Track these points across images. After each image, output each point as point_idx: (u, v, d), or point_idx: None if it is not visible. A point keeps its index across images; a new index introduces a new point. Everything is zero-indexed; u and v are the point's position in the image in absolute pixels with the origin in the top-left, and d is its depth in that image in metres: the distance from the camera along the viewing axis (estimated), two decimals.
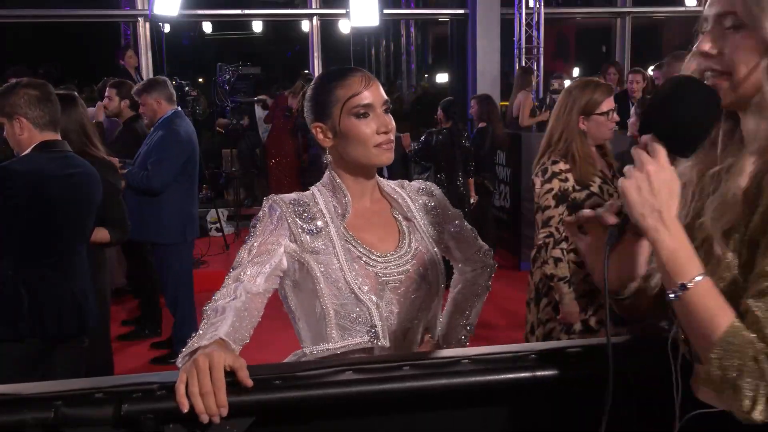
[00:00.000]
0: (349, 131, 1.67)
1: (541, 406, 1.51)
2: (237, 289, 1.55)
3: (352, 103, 1.67)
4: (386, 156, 1.69)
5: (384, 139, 1.68)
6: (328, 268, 1.66)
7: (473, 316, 1.96)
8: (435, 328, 1.86)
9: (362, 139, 1.67)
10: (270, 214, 1.69)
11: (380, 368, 1.42)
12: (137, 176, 4.41)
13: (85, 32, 11.73)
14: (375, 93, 1.69)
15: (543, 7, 9.46)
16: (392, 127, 1.70)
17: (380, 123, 1.68)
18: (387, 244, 1.75)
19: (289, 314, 1.77)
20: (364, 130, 1.67)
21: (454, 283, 1.99)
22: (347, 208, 1.72)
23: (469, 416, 1.49)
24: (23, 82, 2.97)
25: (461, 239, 1.90)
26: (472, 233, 1.93)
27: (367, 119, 1.67)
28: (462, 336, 1.93)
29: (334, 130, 1.69)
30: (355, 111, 1.67)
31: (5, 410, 1.27)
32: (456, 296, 1.97)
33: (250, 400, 1.32)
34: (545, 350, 1.49)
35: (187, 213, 4.64)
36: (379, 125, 1.67)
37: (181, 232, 4.59)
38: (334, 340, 1.67)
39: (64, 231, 2.92)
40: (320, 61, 9.52)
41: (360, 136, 1.67)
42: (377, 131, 1.67)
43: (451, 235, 1.88)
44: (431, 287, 1.77)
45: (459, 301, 1.96)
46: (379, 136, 1.67)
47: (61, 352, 2.90)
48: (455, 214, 1.90)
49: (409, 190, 1.85)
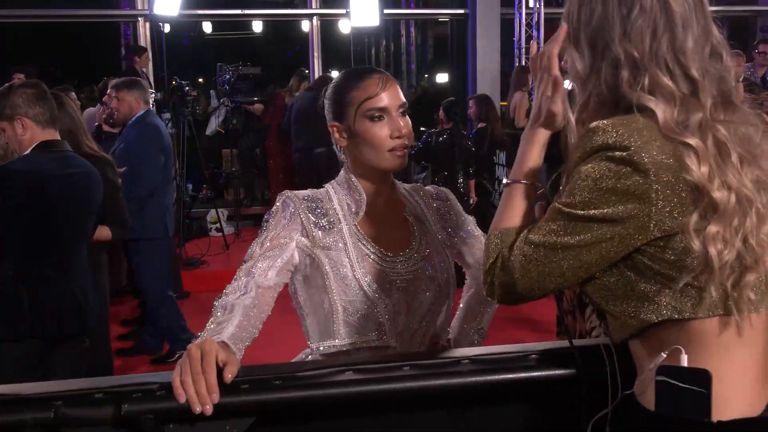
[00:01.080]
0: (363, 134, 1.67)
1: (541, 406, 1.51)
2: (248, 284, 1.56)
3: (367, 105, 1.66)
4: (399, 161, 1.68)
5: (398, 144, 1.66)
6: (338, 264, 1.66)
7: (486, 320, 1.95)
8: (444, 333, 1.85)
9: (375, 142, 1.66)
10: (283, 209, 1.69)
11: (380, 368, 1.42)
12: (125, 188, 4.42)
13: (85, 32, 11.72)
14: (391, 96, 1.67)
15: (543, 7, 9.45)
16: (407, 131, 1.68)
17: (394, 127, 1.66)
18: (398, 245, 1.75)
19: (298, 310, 1.77)
20: (378, 133, 1.66)
21: (467, 287, 1.98)
22: (361, 206, 1.72)
23: (469, 416, 1.49)
24: (16, 83, 2.98)
25: (474, 245, 1.88)
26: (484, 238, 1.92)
27: (381, 122, 1.66)
28: (474, 340, 1.92)
29: (349, 130, 1.69)
30: (369, 114, 1.66)
31: (5, 410, 1.27)
32: (469, 300, 1.97)
33: (250, 400, 1.32)
34: (545, 350, 1.49)
35: (167, 207, 4.80)
36: (393, 129, 1.66)
37: (163, 227, 4.69)
38: (342, 336, 1.68)
39: (64, 231, 2.91)
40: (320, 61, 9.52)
41: (373, 139, 1.66)
42: (391, 135, 1.66)
43: (463, 241, 1.87)
44: (441, 290, 1.76)
45: (472, 305, 1.95)
46: (392, 141, 1.66)
47: (61, 352, 2.89)
48: (468, 220, 1.89)
49: (424, 195, 1.85)
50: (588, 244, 1.21)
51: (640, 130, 1.19)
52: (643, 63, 1.23)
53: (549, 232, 1.24)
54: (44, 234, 2.82)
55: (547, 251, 1.23)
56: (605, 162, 1.19)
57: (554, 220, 1.24)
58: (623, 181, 1.17)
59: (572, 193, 1.22)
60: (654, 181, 1.17)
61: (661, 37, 1.23)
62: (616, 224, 1.19)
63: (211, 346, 1.32)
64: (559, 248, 1.22)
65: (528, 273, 1.25)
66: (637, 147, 1.17)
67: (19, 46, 12.09)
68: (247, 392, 1.32)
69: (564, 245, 1.22)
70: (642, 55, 1.23)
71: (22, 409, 1.27)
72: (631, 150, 1.17)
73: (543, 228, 1.25)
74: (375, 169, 1.71)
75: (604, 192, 1.19)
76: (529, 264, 1.25)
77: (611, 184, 1.18)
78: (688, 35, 1.23)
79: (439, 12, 11.83)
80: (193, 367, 1.29)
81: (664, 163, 1.17)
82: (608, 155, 1.19)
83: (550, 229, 1.24)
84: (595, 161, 1.20)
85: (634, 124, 1.20)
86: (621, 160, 1.18)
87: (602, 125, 1.21)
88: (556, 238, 1.23)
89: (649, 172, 1.16)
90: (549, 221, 1.25)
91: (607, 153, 1.19)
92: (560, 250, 1.22)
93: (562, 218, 1.23)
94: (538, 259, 1.24)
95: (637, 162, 1.17)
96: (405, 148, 1.68)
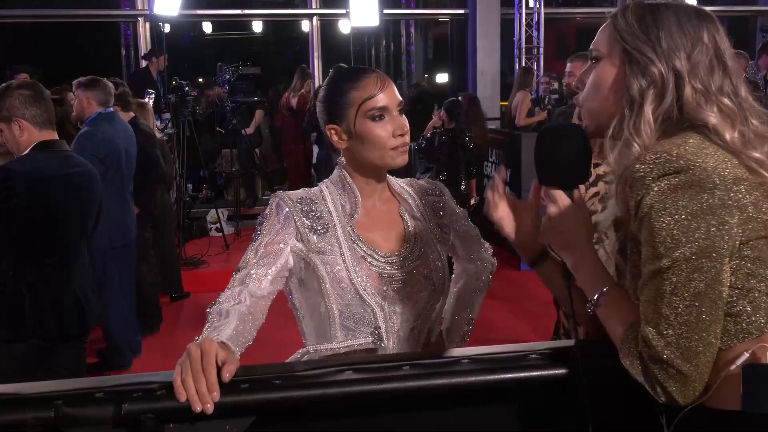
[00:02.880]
0: (365, 134, 1.66)
1: (541, 406, 1.51)
2: (242, 293, 1.55)
3: (368, 105, 1.65)
4: (401, 158, 1.68)
5: (400, 142, 1.67)
6: (333, 268, 1.66)
7: (476, 309, 1.97)
8: (437, 327, 1.86)
9: (378, 142, 1.66)
10: (277, 213, 1.68)
11: (380, 368, 1.42)
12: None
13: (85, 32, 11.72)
14: (390, 95, 1.68)
15: (543, 7, 9.47)
16: (407, 129, 1.69)
17: (396, 126, 1.67)
18: (392, 244, 1.75)
19: (293, 311, 1.77)
20: (380, 133, 1.66)
21: (456, 279, 1.99)
22: (356, 208, 1.72)
23: (469, 416, 1.49)
24: (13, 84, 2.97)
25: (466, 238, 1.90)
26: (476, 232, 1.94)
27: (382, 122, 1.66)
28: (465, 329, 1.94)
29: (350, 132, 1.68)
30: (370, 114, 1.65)
31: (5, 410, 1.27)
32: (459, 291, 1.97)
33: (250, 400, 1.32)
34: (545, 350, 1.49)
35: (113, 218, 4.37)
36: (395, 128, 1.66)
37: (107, 237, 4.35)
38: (338, 339, 1.68)
39: (64, 230, 2.92)
40: (320, 61, 9.53)
41: (376, 139, 1.66)
42: (393, 134, 1.66)
43: (457, 235, 1.88)
44: (436, 288, 1.77)
45: (462, 296, 1.97)
46: (395, 139, 1.66)
47: (62, 351, 2.90)
48: (461, 214, 1.90)
49: (418, 189, 1.84)
50: (714, 277, 1.17)
51: (698, 147, 1.20)
52: (706, 89, 1.26)
53: (669, 299, 1.18)
54: (44, 234, 2.83)
55: (685, 317, 1.17)
56: (669, 194, 1.16)
57: (662, 283, 1.18)
58: (697, 202, 1.15)
59: (656, 245, 1.18)
60: (724, 191, 1.17)
61: (719, 77, 1.27)
62: (721, 241, 1.16)
63: (211, 345, 1.33)
64: (695, 301, 1.17)
65: (686, 349, 1.17)
66: (697, 164, 1.17)
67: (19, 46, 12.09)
68: (247, 392, 1.32)
69: (694, 296, 1.17)
70: (704, 84, 1.26)
71: (22, 409, 1.27)
72: (691, 169, 1.16)
73: (658, 301, 1.19)
74: (378, 168, 1.71)
75: (690, 224, 1.16)
76: (679, 340, 1.17)
77: (689, 212, 1.16)
78: (739, 84, 1.29)
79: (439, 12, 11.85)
80: (193, 366, 1.29)
81: (732, 174, 1.19)
82: (669, 185, 1.17)
83: (667, 296, 1.18)
84: (659, 199, 1.17)
85: (694, 145, 1.20)
86: (684, 184, 1.16)
87: (655, 154, 1.19)
88: (681, 297, 1.17)
89: (717, 186, 1.17)
90: (656, 291, 1.19)
91: (666, 183, 1.17)
92: (697, 302, 1.17)
93: (670, 274, 1.18)
94: (685, 333, 1.17)
95: (702, 178, 1.16)
96: (406, 145, 1.69)
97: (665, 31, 1.27)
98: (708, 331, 1.18)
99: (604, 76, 1.33)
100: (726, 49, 1.30)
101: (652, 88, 1.26)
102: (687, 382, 1.18)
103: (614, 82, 1.32)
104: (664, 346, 1.17)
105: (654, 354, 1.18)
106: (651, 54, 1.27)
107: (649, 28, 1.28)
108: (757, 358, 1.20)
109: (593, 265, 1.35)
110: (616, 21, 1.32)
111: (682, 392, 1.19)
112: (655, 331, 1.18)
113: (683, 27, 1.28)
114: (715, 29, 1.30)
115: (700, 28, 1.28)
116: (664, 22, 1.28)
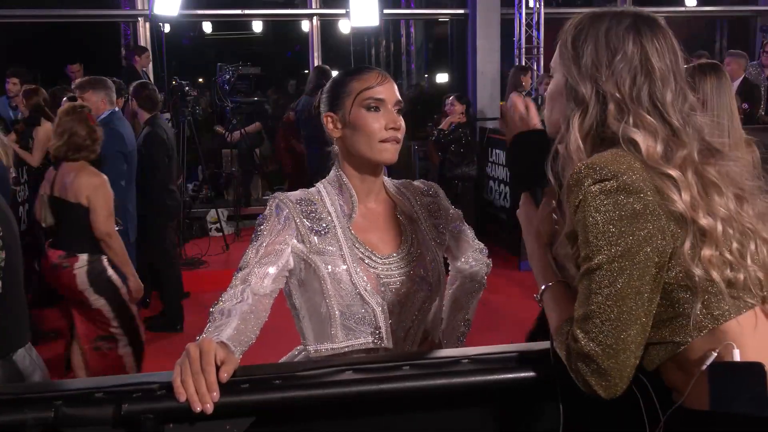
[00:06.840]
0: (358, 122, 1.67)
1: (541, 405, 1.51)
2: (244, 291, 1.56)
3: (365, 95, 1.67)
4: (390, 153, 1.69)
5: (390, 135, 1.67)
6: (334, 269, 1.66)
7: (472, 310, 1.98)
8: (436, 330, 1.86)
9: (369, 131, 1.67)
10: (277, 214, 1.68)
11: (380, 368, 1.43)
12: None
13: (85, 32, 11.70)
14: (389, 90, 1.69)
15: (543, 7, 9.45)
16: (401, 125, 1.70)
17: (389, 119, 1.68)
18: (389, 246, 1.75)
19: (292, 311, 1.77)
20: (372, 123, 1.67)
21: (451, 280, 2.00)
22: (353, 208, 1.72)
23: (469, 416, 1.50)
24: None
25: (461, 239, 1.91)
26: (470, 232, 1.95)
27: (377, 113, 1.67)
28: (462, 330, 1.95)
29: (344, 120, 1.70)
30: (366, 103, 1.67)
31: (5, 410, 1.27)
32: (455, 292, 1.98)
33: (250, 400, 1.32)
34: (546, 350, 1.49)
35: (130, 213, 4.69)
36: (388, 121, 1.67)
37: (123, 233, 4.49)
38: (339, 340, 1.68)
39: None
40: (320, 61, 9.50)
41: (367, 128, 1.67)
42: (385, 127, 1.67)
43: (452, 236, 1.89)
44: (432, 288, 1.77)
45: (458, 297, 1.98)
46: (386, 132, 1.67)
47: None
48: (456, 215, 1.90)
49: (414, 191, 1.85)
50: (638, 278, 1.21)
51: (622, 159, 1.24)
52: (625, 102, 1.28)
53: (595, 297, 1.23)
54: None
55: (608, 314, 1.22)
56: (600, 198, 1.22)
57: (591, 281, 1.23)
58: (624, 207, 1.21)
59: (588, 246, 1.23)
60: (650, 197, 1.22)
61: (641, 85, 1.29)
62: (645, 245, 1.20)
63: (210, 345, 1.33)
64: (618, 301, 1.21)
65: (607, 346, 1.22)
66: (622, 172, 1.22)
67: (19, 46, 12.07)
68: (247, 392, 1.32)
69: (617, 295, 1.21)
70: (623, 96, 1.29)
71: (22, 409, 1.27)
72: (618, 177, 1.21)
73: (587, 299, 1.24)
74: (366, 161, 1.71)
75: (616, 227, 1.21)
76: (600, 336, 1.22)
77: (616, 215, 1.21)
78: (666, 89, 1.30)
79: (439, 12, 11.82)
80: (193, 366, 1.29)
81: (651, 185, 1.22)
82: (600, 189, 1.22)
83: (594, 294, 1.23)
84: (590, 204, 1.23)
85: (619, 157, 1.24)
86: (613, 190, 1.21)
87: (585, 165, 1.24)
88: (605, 296, 1.22)
89: (641, 190, 1.21)
90: (587, 289, 1.24)
91: (598, 188, 1.22)
92: (620, 302, 1.21)
93: (598, 274, 1.22)
94: (606, 330, 1.22)
95: (628, 184, 1.21)
96: (397, 142, 1.69)
97: (591, 46, 1.32)
98: (628, 331, 1.21)
99: (552, 90, 1.41)
100: (660, 55, 1.31)
101: (577, 107, 1.33)
102: (607, 377, 1.22)
103: (558, 97, 1.39)
104: (587, 341, 1.23)
105: (579, 348, 1.24)
106: (576, 73, 1.33)
107: (579, 46, 1.34)
108: (722, 358, 1.22)
109: (541, 262, 1.44)
110: (561, 36, 1.38)
111: (602, 387, 1.23)
112: (581, 327, 1.24)
113: (609, 39, 1.31)
114: (647, 37, 1.31)
115: (626, 38, 1.31)
116: (590, 37, 1.33)
